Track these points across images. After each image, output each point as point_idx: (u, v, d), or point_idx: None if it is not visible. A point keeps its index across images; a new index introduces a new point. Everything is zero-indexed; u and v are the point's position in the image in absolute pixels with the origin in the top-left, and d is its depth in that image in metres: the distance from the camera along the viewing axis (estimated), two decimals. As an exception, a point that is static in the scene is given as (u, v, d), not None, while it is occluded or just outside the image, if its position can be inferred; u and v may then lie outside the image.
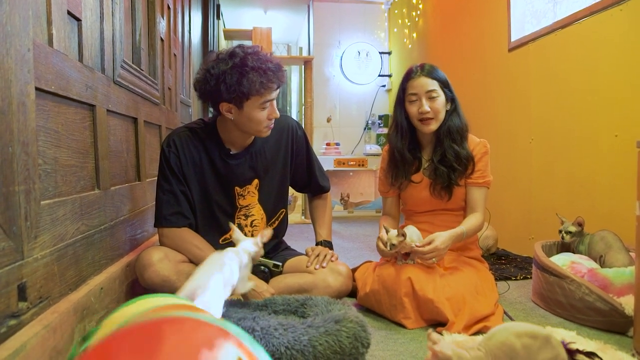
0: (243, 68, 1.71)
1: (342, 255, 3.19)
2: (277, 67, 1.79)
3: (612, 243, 2.05)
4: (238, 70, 1.71)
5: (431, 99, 2.00)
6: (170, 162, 1.89)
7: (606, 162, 2.42)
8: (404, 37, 5.33)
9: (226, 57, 1.75)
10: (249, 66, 1.71)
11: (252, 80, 1.71)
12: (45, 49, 1.24)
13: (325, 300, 1.70)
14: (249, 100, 1.76)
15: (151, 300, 0.89)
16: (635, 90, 2.23)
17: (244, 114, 1.79)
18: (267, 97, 1.78)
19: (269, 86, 1.76)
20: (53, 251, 1.27)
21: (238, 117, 1.81)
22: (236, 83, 1.71)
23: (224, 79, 1.72)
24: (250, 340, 0.70)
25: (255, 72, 1.72)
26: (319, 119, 5.67)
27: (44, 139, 1.25)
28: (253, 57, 1.74)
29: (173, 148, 1.90)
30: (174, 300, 0.93)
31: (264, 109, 1.81)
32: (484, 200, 2.06)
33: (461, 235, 1.94)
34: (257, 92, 1.74)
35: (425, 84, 2.01)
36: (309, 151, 2.16)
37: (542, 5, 2.94)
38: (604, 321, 1.75)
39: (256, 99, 1.76)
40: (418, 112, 2.02)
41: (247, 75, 1.71)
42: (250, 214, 2.02)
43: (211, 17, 5.04)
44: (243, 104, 1.77)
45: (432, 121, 2.02)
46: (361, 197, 5.68)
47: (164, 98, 2.79)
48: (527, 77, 3.07)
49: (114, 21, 1.82)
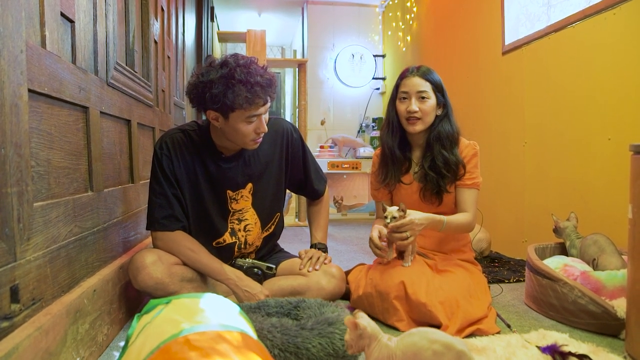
0: (229, 80, 1.68)
1: (336, 257, 3.19)
2: (268, 82, 1.75)
3: (604, 246, 2.06)
4: (224, 82, 1.68)
5: (421, 99, 2.02)
6: (162, 164, 1.88)
7: (599, 165, 2.43)
8: (398, 40, 5.34)
9: (217, 66, 1.72)
10: (236, 79, 1.68)
11: (237, 94, 1.68)
12: (38, 51, 1.23)
13: (318, 303, 1.70)
14: (234, 112, 1.73)
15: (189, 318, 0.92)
16: (628, 93, 2.24)
17: (230, 124, 1.77)
18: (253, 112, 1.75)
19: (255, 102, 1.72)
20: (46, 253, 1.26)
21: (224, 127, 1.80)
22: (221, 94, 1.68)
23: (210, 87, 1.69)
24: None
25: (242, 85, 1.68)
26: (313, 121, 5.68)
27: (36, 141, 1.25)
28: (243, 70, 1.70)
29: (165, 150, 1.89)
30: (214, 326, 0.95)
31: (250, 123, 1.78)
32: (474, 201, 2.05)
33: (440, 223, 1.93)
34: (240, 106, 1.70)
35: (417, 84, 2.02)
36: (305, 154, 2.14)
37: (536, 9, 2.95)
38: (597, 324, 1.76)
39: (242, 113, 1.73)
40: (406, 110, 2.04)
41: (233, 88, 1.68)
42: (243, 219, 2.01)
43: (205, 20, 5.03)
44: (228, 115, 1.74)
45: (419, 122, 2.03)
46: (355, 199, 5.68)
47: (158, 100, 2.79)
48: (520, 81, 3.09)
49: (108, 23, 1.81)
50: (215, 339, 0.89)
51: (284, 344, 1.38)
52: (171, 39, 3.28)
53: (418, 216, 1.86)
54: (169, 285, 1.79)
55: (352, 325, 1.18)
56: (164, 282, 1.78)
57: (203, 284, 1.92)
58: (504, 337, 1.67)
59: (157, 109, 2.73)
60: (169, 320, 0.94)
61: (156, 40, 2.72)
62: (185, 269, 1.87)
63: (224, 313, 1.05)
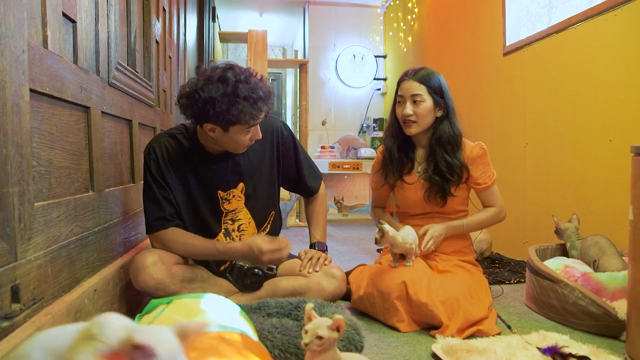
0: (234, 98, 1.69)
1: (337, 258, 3.19)
2: (267, 94, 1.77)
3: (605, 248, 2.06)
4: (228, 99, 1.68)
5: (415, 102, 2.04)
6: (151, 169, 1.89)
7: (600, 166, 2.43)
8: (399, 40, 5.34)
9: (217, 81, 1.70)
10: (241, 96, 1.69)
11: (241, 111, 1.70)
12: (40, 51, 1.23)
13: (319, 303, 1.70)
14: (235, 126, 1.75)
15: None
16: (629, 95, 2.24)
17: (228, 136, 1.78)
18: (254, 123, 1.78)
19: (258, 116, 1.76)
20: (47, 253, 1.27)
21: (221, 137, 1.81)
22: (225, 112, 1.69)
23: (214, 104, 1.68)
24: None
25: (246, 101, 1.70)
26: (314, 122, 5.68)
27: (38, 141, 1.25)
28: (245, 86, 1.71)
29: (153, 155, 1.90)
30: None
31: (249, 133, 1.80)
32: (497, 195, 2.15)
33: (460, 228, 2.04)
34: (245, 122, 1.73)
35: (411, 88, 2.05)
36: (296, 151, 2.14)
37: (537, 10, 2.95)
38: (597, 325, 1.76)
39: (243, 126, 1.76)
40: (402, 114, 2.07)
41: (237, 105, 1.69)
42: (237, 219, 2.01)
43: (207, 20, 5.03)
44: (229, 128, 1.76)
45: (414, 125, 2.06)
46: (356, 200, 5.68)
47: (159, 100, 2.79)
48: (522, 82, 3.09)
49: (109, 23, 1.81)
50: (215, 339, 0.89)
51: (284, 344, 1.38)
52: (172, 39, 3.28)
53: (436, 228, 1.96)
54: (170, 286, 1.79)
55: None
56: (164, 282, 1.78)
57: (204, 284, 1.92)
58: (504, 338, 1.67)
59: (158, 109, 2.73)
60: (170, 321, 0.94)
61: (158, 40, 2.73)
62: (185, 269, 1.87)
63: (225, 314, 1.06)
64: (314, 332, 1.06)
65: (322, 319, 1.09)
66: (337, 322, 1.07)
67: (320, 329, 1.06)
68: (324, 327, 1.07)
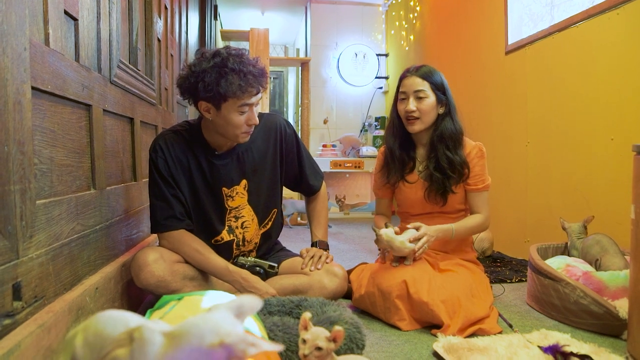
0: (223, 68, 1.70)
1: (338, 256, 3.19)
2: (260, 72, 1.77)
3: (607, 247, 2.05)
4: (217, 70, 1.70)
5: (418, 99, 2.03)
6: (158, 166, 1.89)
7: (602, 165, 2.42)
8: (401, 39, 5.34)
9: (209, 56, 1.74)
10: (229, 67, 1.70)
11: (230, 82, 1.70)
12: (41, 48, 1.23)
13: (320, 302, 1.70)
14: (226, 102, 1.75)
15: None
16: (631, 94, 2.24)
17: (222, 115, 1.78)
18: (246, 101, 1.76)
19: (248, 90, 1.74)
20: (48, 251, 1.27)
21: (216, 119, 1.81)
22: (214, 83, 1.70)
23: (203, 77, 1.71)
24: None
25: (235, 74, 1.70)
26: (316, 120, 5.67)
27: (39, 139, 1.25)
28: (235, 59, 1.72)
29: (160, 152, 1.90)
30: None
31: (243, 113, 1.79)
32: (485, 202, 2.10)
33: (449, 231, 2.00)
34: (234, 94, 1.72)
35: (414, 84, 2.04)
36: (299, 149, 2.14)
37: (539, 9, 2.95)
38: (599, 324, 1.76)
39: (234, 102, 1.75)
40: (405, 110, 2.05)
41: (226, 76, 1.70)
42: (240, 216, 2.01)
43: (208, 18, 5.03)
44: (221, 105, 1.76)
45: (417, 121, 2.05)
46: (357, 198, 5.68)
47: (161, 98, 2.79)
48: (524, 80, 3.08)
49: (111, 21, 1.81)
50: None
51: (285, 342, 1.38)
52: (174, 37, 3.28)
53: (426, 227, 1.94)
54: (171, 283, 1.79)
55: None
56: (165, 280, 1.78)
57: (204, 282, 1.92)
58: (505, 337, 1.67)
59: (160, 107, 2.73)
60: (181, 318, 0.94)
61: (159, 38, 2.73)
62: (187, 267, 1.87)
63: None
64: (314, 344, 1.05)
65: (319, 329, 1.09)
66: (335, 334, 1.07)
67: (319, 340, 1.06)
68: (322, 338, 1.06)
